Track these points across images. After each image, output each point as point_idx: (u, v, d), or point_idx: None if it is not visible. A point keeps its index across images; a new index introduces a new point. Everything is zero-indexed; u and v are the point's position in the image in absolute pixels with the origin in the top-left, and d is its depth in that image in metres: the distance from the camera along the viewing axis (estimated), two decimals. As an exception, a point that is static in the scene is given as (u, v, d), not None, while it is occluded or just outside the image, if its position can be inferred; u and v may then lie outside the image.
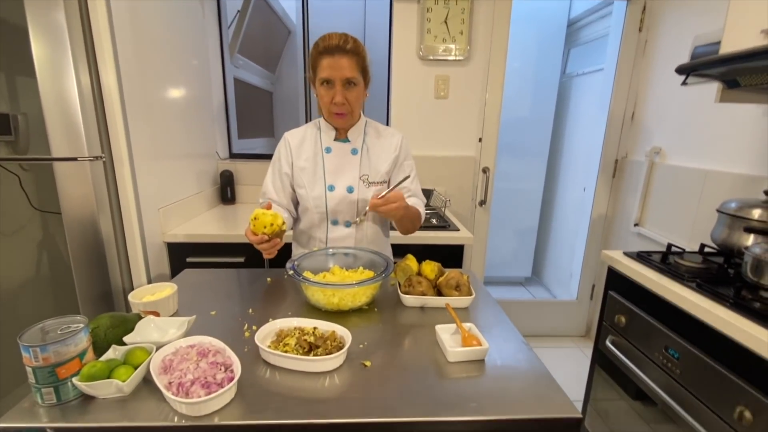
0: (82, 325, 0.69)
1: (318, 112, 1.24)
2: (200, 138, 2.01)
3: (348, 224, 1.22)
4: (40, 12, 1.18)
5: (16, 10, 1.19)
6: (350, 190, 1.18)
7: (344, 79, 1.07)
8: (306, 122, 2.34)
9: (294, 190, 1.24)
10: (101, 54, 1.26)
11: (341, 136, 1.22)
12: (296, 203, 1.27)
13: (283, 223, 1.03)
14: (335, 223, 1.22)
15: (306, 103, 2.34)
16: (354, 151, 1.21)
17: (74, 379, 0.66)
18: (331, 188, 1.18)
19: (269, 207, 1.06)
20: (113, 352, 0.74)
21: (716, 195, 1.58)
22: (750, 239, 1.21)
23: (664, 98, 1.97)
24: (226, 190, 2.19)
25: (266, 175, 1.25)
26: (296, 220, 1.31)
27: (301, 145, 1.22)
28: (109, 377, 0.67)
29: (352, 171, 1.20)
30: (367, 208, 1.10)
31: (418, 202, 1.24)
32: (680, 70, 1.28)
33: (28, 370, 0.64)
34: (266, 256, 1.06)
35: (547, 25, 2.81)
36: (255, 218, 1.01)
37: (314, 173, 1.20)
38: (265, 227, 1.00)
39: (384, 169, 1.22)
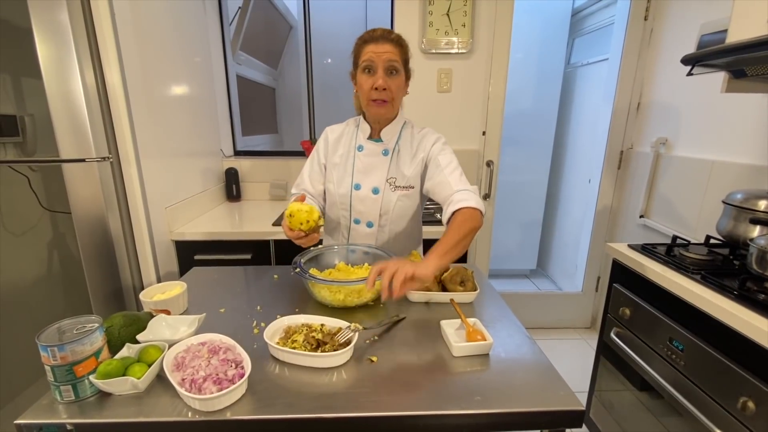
0: (96, 325, 0.71)
1: (356, 110, 1.23)
2: (205, 136, 2.02)
3: (370, 225, 1.21)
4: (43, 13, 1.19)
5: (20, 11, 1.20)
6: (376, 191, 1.17)
7: (387, 63, 1.04)
8: (309, 117, 2.37)
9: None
10: (105, 53, 1.27)
11: (375, 135, 1.19)
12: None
13: (320, 217, 1.03)
14: (357, 222, 1.22)
15: (309, 99, 2.34)
16: (385, 152, 1.18)
17: (91, 377, 0.68)
18: (358, 187, 1.18)
19: (302, 199, 1.05)
20: (127, 350, 0.76)
21: (722, 186, 1.57)
22: (756, 231, 1.21)
23: (669, 88, 1.95)
24: (232, 188, 2.21)
25: (303, 167, 1.26)
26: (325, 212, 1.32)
27: (339, 141, 1.23)
28: (124, 375, 0.69)
29: (381, 172, 1.18)
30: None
31: (462, 197, 1.03)
32: (686, 61, 1.26)
33: (47, 368, 0.67)
34: (304, 246, 1.06)
35: (550, 15, 2.77)
36: (290, 215, 1.00)
37: (344, 170, 1.20)
38: (301, 224, 1.00)
39: (409, 173, 1.17)
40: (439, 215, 1.89)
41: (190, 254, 1.66)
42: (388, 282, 0.81)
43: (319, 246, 1.20)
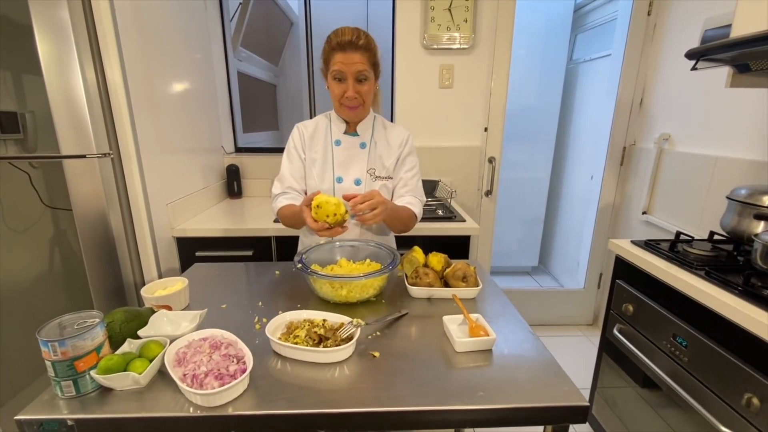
0: (97, 320, 0.71)
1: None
2: (206, 133, 2.02)
3: (353, 216, 1.22)
4: (44, 9, 1.18)
5: (21, 8, 1.20)
6: (358, 182, 1.21)
7: (356, 74, 1.09)
8: (311, 114, 2.37)
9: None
10: (106, 50, 1.27)
11: (351, 129, 1.24)
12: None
13: (346, 212, 1.01)
14: None
15: (310, 95, 2.33)
16: (362, 145, 1.23)
17: (92, 372, 0.68)
18: (340, 180, 1.21)
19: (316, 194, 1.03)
20: (128, 346, 0.76)
21: (726, 182, 1.56)
22: (760, 226, 1.19)
23: (673, 84, 1.93)
24: (233, 185, 2.21)
25: (282, 166, 1.26)
26: None
27: (314, 136, 1.24)
28: (125, 370, 0.69)
29: (360, 164, 1.22)
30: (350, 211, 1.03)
31: (413, 202, 1.22)
32: (690, 55, 1.25)
33: (48, 364, 0.66)
34: (326, 236, 1.06)
35: (553, 11, 2.76)
36: (318, 206, 0.99)
37: (324, 165, 1.22)
38: (327, 216, 0.99)
39: (389, 164, 1.24)
40: (440, 212, 1.89)
41: (191, 251, 1.66)
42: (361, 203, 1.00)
43: (321, 242, 1.20)
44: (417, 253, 1.15)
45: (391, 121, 1.98)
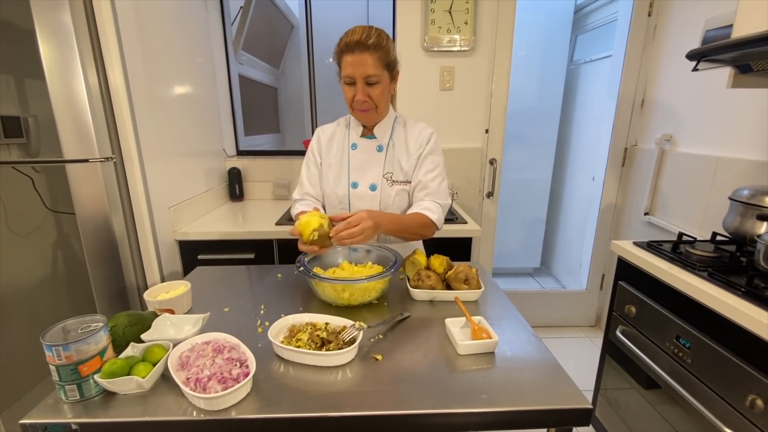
0: (101, 324, 0.71)
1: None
2: (207, 136, 2.02)
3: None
4: (46, 13, 1.19)
5: (23, 12, 1.20)
6: (373, 188, 1.18)
7: (365, 77, 1.05)
8: (312, 117, 2.37)
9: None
10: (108, 54, 1.27)
11: (368, 132, 1.20)
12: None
13: (317, 229, 0.97)
14: None
15: (311, 98, 2.33)
16: (380, 148, 1.19)
17: (96, 376, 0.68)
18: (355, 185, 1.19)
19: (308, 211, 1.03)
20: (132, 350, 0.76)
21: (728, 182, 1.56)
22: (763, 227, 1.19)
23: (674, 84, 1.93)
24: (235, 187, 2.21)
25: (301, 171, 1.26)
26: None
27: (331, 140, 1.23)
28: (129, 374, 0.69)
29: (377, 168, 1.18)
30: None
31: (431, 207, 1.14)
32: (691, 56, 1.25)
33: (52, 368, 0.67)
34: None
35: (553, 12, 2.76)
36: (301, 234, 0.99)
37: (339, 170, 1.20)
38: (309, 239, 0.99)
39: (407, 167, 1.19)
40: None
41: (193, 254, 1.67)
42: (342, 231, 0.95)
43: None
44: (419, 255, 1.15)
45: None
